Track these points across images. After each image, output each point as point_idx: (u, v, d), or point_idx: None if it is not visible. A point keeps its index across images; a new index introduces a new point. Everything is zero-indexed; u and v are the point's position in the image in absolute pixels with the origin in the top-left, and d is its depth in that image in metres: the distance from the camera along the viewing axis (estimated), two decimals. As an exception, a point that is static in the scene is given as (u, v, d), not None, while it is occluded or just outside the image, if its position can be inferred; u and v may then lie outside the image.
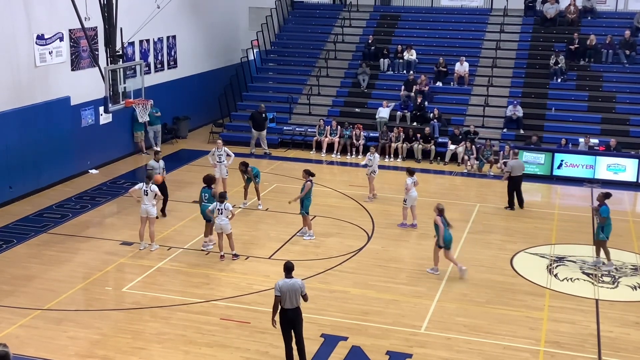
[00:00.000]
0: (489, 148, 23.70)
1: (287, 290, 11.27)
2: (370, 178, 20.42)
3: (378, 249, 16.99)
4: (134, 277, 15.28)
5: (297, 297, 11.36)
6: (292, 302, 11.33)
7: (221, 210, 15.87)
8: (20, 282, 14.98)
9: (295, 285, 11.32)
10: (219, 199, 16.04)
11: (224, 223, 15.91)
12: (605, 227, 15.95)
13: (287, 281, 11.35)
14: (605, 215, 15.88)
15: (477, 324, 13.39)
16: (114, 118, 23.78)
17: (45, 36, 20.83)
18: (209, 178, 17.06)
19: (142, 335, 12.83)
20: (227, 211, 15.90)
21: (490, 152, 23.70)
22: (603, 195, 16.16)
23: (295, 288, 11.30)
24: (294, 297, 11.33)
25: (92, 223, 18.62)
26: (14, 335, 12.66)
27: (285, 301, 11.30)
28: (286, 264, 11.55)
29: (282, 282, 11.36)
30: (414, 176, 18.53)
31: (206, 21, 30.25)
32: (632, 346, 12.75)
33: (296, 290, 11.31)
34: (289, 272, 11.46)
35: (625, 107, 25.91)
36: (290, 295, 11.29)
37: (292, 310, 11.37)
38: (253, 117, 26.04)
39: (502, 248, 17.20)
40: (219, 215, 15.90)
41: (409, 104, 26.57)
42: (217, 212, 15.90)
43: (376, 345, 12.54)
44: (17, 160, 19.91)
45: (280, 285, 11.30)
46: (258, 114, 26.02)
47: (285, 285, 11.29)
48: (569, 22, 29.27)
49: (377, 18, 31.78)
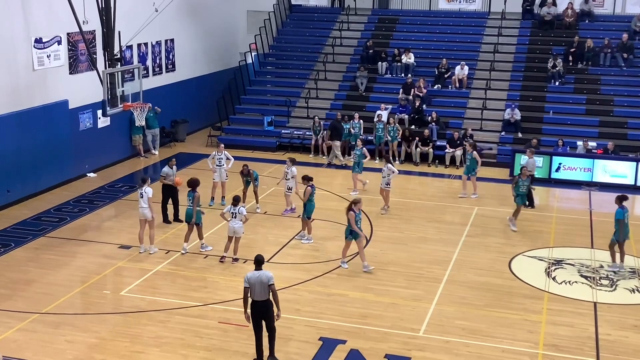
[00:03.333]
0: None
1: (255, 282, 11.61)
2: (382, 190, 19.84)
3: (376, 252, 16.97)
4: (132, 280, 15.26)
5: (266, 289, 11.65)
6: (261, 294, 11.64)
7: (235, 214, 15.88)
8: (18, 286, 14.96)
9: (263, 277, 11.65)
10: (233, 203, 16.07)
11: (238, 227, 15.92)
12: (617, 230, 15.93)
13: (256, 273, 11.71)
14: (618, 217, 15.89)
15: (476, 327, 13.38)
16: (112, 121, 23.77)
17: (43, 40, 20.82)
18: (193, 181, 16.96)
19: (140, 339, 12.81)
20: (241, 215, 15.91)
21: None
22: (618, 198, 16.23)
23: (262, 280, 11.62)
24: (262, 289, 11.62)
25: (90, 226, 18.60)
26: (11, 339, 12.64)
27: (255, 293, 11.64)
28: (257, 256, 11.93)
29: (250, 274, 11.75)
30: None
31: (204, 25, 30.26)
32: (631, 349, 12.75)
33: (263, 282, 11.61)
34: (259, 264, 11.82)
35: (623, 110, 25.94)
36: (258, 287, 11.61)
37: (261, 302, 11.70)
38: (334, 126, 25.01)
39: (500, 251, 17.19)
40: (232, 218, 15.90)
41: (407, 107, 26.58)
42: (230, 215, 15.91)
43: (375, 348, 12.52)
44: (15, 163, 19.89)
45: (248, 277, 11.68)
46: (338, 122, 25.16)
47: (254, 277, 11.65)
48: (566, 25, 29.31)
49: (375, 21, 31.81)
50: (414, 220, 19.37)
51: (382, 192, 19.89)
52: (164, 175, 18.57)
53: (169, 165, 18.79)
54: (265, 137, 27.14)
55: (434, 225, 18.98)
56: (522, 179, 18.75)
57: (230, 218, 15.95)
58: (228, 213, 15.99)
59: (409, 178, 23.62)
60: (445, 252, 17.01)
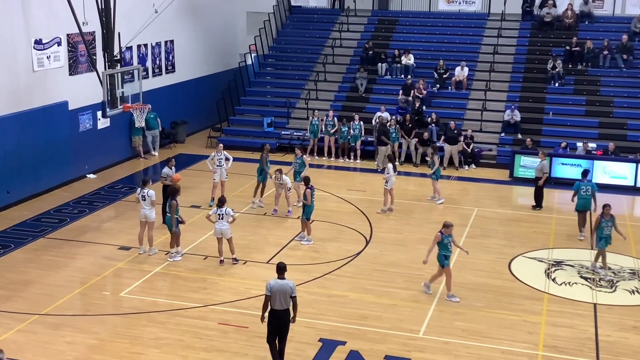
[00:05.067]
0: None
1: (277, 291, 11.32)
2: (385, 190, 19.94)
3: (376, 254, 16.98)
4: (131, 281, 15.26)
5: (287, 299, 11.40)
6: (282, 303, 11.39)
7: (221, 215, 15.85)
8: (18, 287, 14.96)
9: (286, 287, 11.37)
10: (218, 204, 16.03)
11: (224, 228, 15.89)
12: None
13: (279, 281, 11.42)
14: (574, 188, 18.29)
15: (476, 328, 13.38)
16: (111, 123, 23.77)
17: (43, 41, 20.83)
18: (172, 189, 16.78)
19: (139, 340, 12.81)
20: (228, 216, 15.88)
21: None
22: (582, 173, 18.52)
23: (285, 289, 11.34)
24: (284, 299, 11.37)
25: (90, 228, 18.60)
26: (11, 341, 12.64)
27: (275, 302, 11.36)
28: (279, 264, 11.66)
29: (273, 282, 11.43)
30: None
31: (204, 26, 30.27)
32: (630, 350, 12.76)
33: (286, 292, 11.35)
34: (281, 272, 11.54)
35: (623, 111, 25.94)
36: (280, 296, 11.34)
37: (281, 311, 11.43)
38: (382, 130, 24.63)
39: (500, 252, 17.19)
40: (218, 220, 15.88)
41: (407, 108, 26.58)
42: (216, 216, 15.88)
43: (374, 349, 12.53)
44: (15, 164, 19.89)
45: (271, 285, 11.38)
46: (385, 126, 24.81)
47: (276, 286, 11.35)
48: (566, 26, 29.32)
49: (375, 22, 31.82)
50: (413, 221, 19.38)
51: (386, 193, 19.93)
52: (164, 176, 18.57)
53: (169, 165, 18.79)
54: (265, 138, 27.09)
55: (433, 227, 18.85)
56: (605, 219, 16.19)
57: (217, 220, 15.90)
58: (214, 215, 15.92)
59: (408, 179, 23.63)
60: (445, 253, 17.00)
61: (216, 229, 15.97)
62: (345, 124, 25.57)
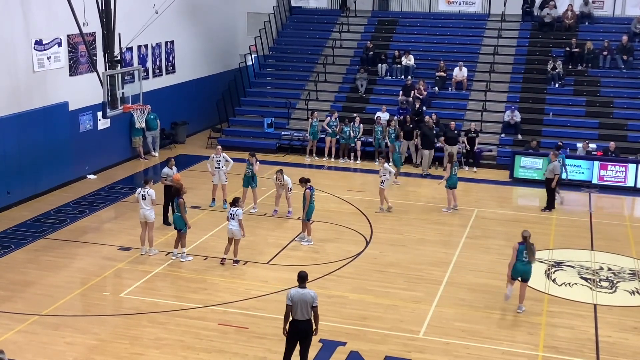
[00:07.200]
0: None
1: (298, 301, 10.95)
2: (380, 190, 19.92)
3: (376, 254, 16.98)
4: (132, 282, 15.26)
5: (309, 309, 11.01)
6: (303, 313, 11.00)
7: (233, 216, 15.88)
8: (18, 287, 14.96)
9: (307, 297, 10.97)
10: (231, 204, 16.06)
11: (235, 229, 15.92)
12: None
13: (300, 291, 11.02)
14: None
15: (476, 329, 13.38)
16: (112, 123, 23.76)
17: (43, 41, 20.83)
18: (177, 188, 16.85)
19: (140, 340, 12.81)
20: (238, 217, 15.90)
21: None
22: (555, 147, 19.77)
23: (306, 299, 10.97)
24: (305, 309, 10.99)
25: (90, 228, 18.60)
26: (11, 341, 12.63)
27: (297, 312, 10.99)
28: (300, 273, 11.25)
29: (294, 291, 11.04)
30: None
31: (204, 26, 30.28)
32: (631, 351, 12.76)
33: (307, 302, 10.96)
34: (302, 281, 11.13)
35: (623, 112, 25.95)
36: (301, 305, 10.96)
37: (303, 322, 11.02)
38: (425, 133, 24.18)
39: (500, 253, 17.17)
40: (230, 220, 15.91)
41: (407, 109, 26.58)
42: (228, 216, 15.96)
43: (374, 350, 12.53)
44: (15, 165, 19.89)
45: (292, 294, 10.99)
46: (428, 128, 24.33)
47: (297, 295, 10.96)
48: (566, 27, 29.32)
49: (375, 23, 31.83)
50: (413, 221, 19.38)
51: (382, 192, 19.90)
52: (164, 177, 18.58)
53: (169, 165, 18.78)
54: (265, 139, 27.14)
55: (433, 227, 18.99)
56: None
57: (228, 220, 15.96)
58: (230, 215, 16.03)
59: (408, 180, 23.62)
60: (445, 254, 17.02)
61: (228, 229, 16.02)
62: (347, 125, 25.56)
